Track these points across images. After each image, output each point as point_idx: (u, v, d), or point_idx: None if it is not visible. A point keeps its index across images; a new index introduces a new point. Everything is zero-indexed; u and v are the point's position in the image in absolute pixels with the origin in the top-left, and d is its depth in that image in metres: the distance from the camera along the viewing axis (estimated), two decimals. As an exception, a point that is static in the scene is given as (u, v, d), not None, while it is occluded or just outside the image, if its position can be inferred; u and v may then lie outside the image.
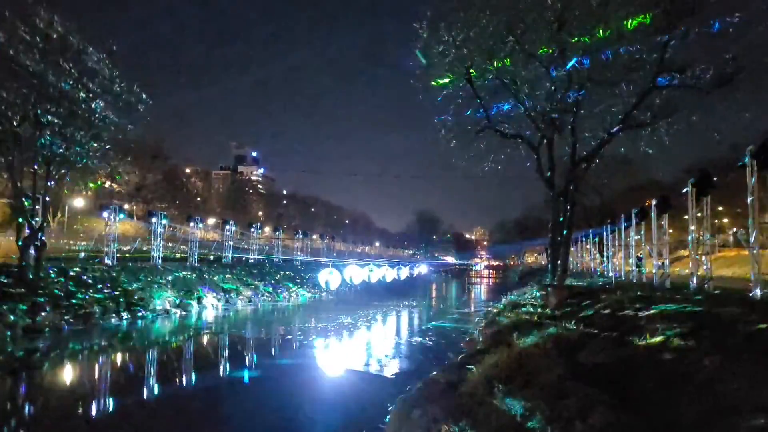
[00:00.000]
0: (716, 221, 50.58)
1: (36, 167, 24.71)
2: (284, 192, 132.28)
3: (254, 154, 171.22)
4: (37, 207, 25.61)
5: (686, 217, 20.36)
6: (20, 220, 25.13)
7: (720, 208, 50.25)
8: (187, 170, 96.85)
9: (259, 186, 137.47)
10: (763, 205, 14.24)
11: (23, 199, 25.00)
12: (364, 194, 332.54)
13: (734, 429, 5.06)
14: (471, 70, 22.39)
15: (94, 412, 12.42)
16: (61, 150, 24.45)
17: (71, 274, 26.33)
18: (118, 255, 34.00)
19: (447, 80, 22.73)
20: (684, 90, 20.75)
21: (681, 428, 5.36)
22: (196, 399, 13.90)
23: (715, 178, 17.34)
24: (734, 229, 51.03)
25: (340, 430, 10.23)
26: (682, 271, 33.04)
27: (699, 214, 17.62)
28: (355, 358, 19.65)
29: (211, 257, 46.33)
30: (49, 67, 23.25)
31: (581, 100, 22.58)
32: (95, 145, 26.50)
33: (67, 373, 16.83)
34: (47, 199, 26.90)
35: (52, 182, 26.11)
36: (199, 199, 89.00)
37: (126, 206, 54.64)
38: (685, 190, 17.67)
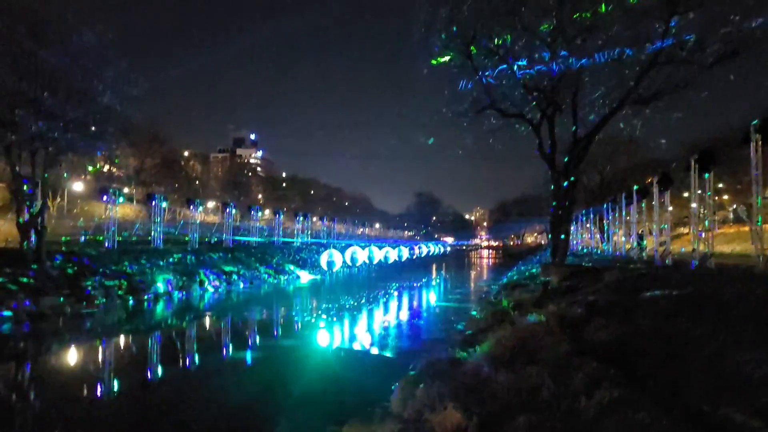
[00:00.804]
0: (716, 198, 50.53)
1: (34, 150, 24.61)
2: (283, 174, 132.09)
3: (252, 136, 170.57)
4: (36, 191, 25.57)
5: (686, 194, 20.34)
6: (20, 204, 25.11)
7: (720, 185, 50.18)
8: (186, 153, 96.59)
9: (258, 169, 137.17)
10: (766, 180, 14.17)
11: (22, 183, 24.95)
12: (364, 176, 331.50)
13: (740, 404, 5.07)
14: (471, 48, 22.23)
15: (109, 392, 12.51)
16: (58, 133, 24.31)
17: (72, 257, 26.34)
18: (118, 238, 34.04)
19: (447, 58, 22.58)
20: (686, 66, 20.59)
21: (687, 403, 5.37)
22: (205, 377, 13.98)
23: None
24: (734, 206, 51.05)
25: (344, 408, 10.23)
26: (683, 249, 33.10)
27: (699, 192, 17.61)
28: (358, 338, 19.72)
29: (212, 240, 46.34)
30: (44, 48, 23.08)
31: (582, 77, 22.43)
32: (93, 129, 26.39)
33: (78, 356, 16.86)
34: (46, 183, 26.83)
35: (50, 167, 26.03)
36: (198, 182, 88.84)
37: (125, 190, 54.58)
38: (688, 165, 17.62)
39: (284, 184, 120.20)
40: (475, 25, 21.76)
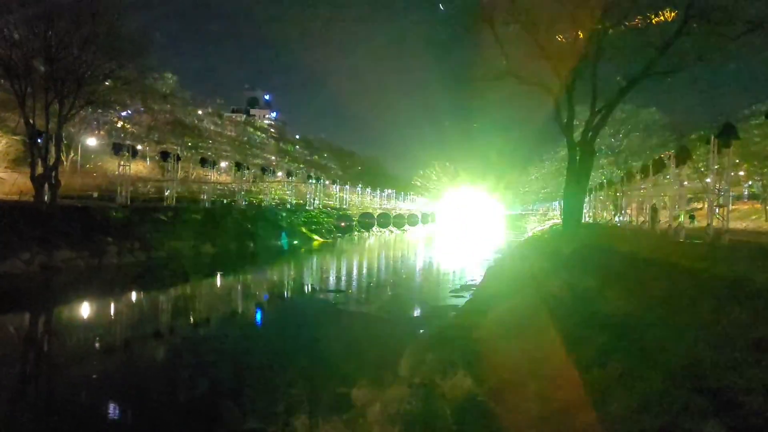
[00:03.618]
0: (732, 174, 49.64)
1: (48, 102, 24.63)
2: (296, 137, 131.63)
3: (267, 97, 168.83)
4: (50, 145, 25.66)
5: (703, 169, 20.00)
6: (34, 157, 25.24)
7: (735, 161, 49.28)
8: (199, 112, 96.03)
9: (272, 130, 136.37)
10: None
11: (36, 136, 25.04)
12: (377, 140, 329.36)
13: (755, 375, 5.05)
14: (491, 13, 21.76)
15: (122, 343, 12.74)
16: (70, 83, 24.37)
17: (86, 213, 26.50)
18: (131, 195, 34.20)
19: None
20: (713, 36, 20.03)
21: (699, 377, 5.35)
22: (217, 338, 14.15)
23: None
24: (749, 182, 50.20)
25: (352, 370, 10.25)
26: (695, 223, 32.76)
27: (717, 167, 17.30)
28: (365, 300, 19.83)
29: (225, 201, 46.46)
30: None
31: (604, 46, 21.91)
32: (108, 83, 26.36)
33: (90, 308, 17.09)
34: (60, 137, 26.95)
35: (64, 121, 26.07)
36: (210, 141, 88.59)
37: (139, 147, 54.47)
38: (707, 138, 17.30)
39: (297, 147, 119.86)
40: None
